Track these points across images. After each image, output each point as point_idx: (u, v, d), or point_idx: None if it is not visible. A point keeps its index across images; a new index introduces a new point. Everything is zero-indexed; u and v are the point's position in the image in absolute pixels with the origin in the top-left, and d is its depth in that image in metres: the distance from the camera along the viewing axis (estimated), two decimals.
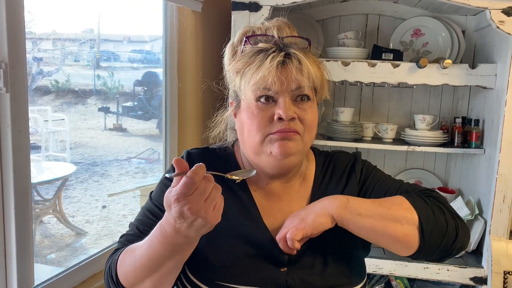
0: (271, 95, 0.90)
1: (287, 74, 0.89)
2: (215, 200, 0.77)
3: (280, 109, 0.89)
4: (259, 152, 0.94)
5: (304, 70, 0.89)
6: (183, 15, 2.10)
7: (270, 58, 0.89)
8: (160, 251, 0.83)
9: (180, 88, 2.16)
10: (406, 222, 0.91)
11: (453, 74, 1.94)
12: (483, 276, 1.90)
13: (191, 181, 0.73)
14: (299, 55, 0.90)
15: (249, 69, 0.90)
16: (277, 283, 0.91)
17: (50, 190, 3.77)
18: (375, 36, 2.39)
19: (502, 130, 1.82)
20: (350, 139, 2.18)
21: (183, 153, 1.06)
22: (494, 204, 1.86)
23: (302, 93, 0.91)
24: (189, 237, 0.80)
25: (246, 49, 0.95)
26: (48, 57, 5.30)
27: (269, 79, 0.88)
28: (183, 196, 0.74)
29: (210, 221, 0.77)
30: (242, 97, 0.94)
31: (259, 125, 0.91)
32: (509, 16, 1.76)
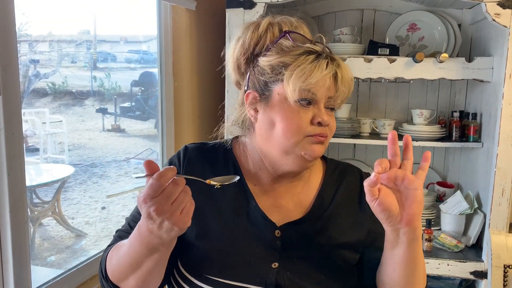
0: (313, 98, 0.91)
1: (334, 84, 0.91)
2: (182, 203, 0.76)
3: (322, 114, 0.91)
4: (290, 152, 0.92)
5: (346, 87, 0.92)
6: (177, 14, 2.09)
7: (325, 64, 0.89)
8: (138, 250, 0.84)
9: (176, 87, 2.15)
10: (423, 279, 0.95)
11: (450, 68, 1.93)
12: (483, 270, 1.89)
13: (156, 183, 0.74)
14: (343, 64, 0.93)
15: (301, 69, 0.89)
16: (266, 281, 0.91)
17: (49, 192, 3.76)
18: (371, 32, 2.38)
19: (500, 123, 1.81)
20: (347, 135, 2.17)
21: (182, 147, 1.06)
22: (493, 197, 1.85)
23: (335, 103, 0.94)
24: (162, 238, 0.79)
25: (288, 44, 0.93)
26: (45, 59, 5.28)
27: (321, 85, 0.89)
28: (149, 198, 0.74)
29: (177, 224, 0.76)
30: (278, 91, 0.92)
31: (299, 126, 0.90)
32: (504, 8, 1.75)
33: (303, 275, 0.93)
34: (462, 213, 2.01)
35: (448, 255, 1.96)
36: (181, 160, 1.03)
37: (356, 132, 2.23)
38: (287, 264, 0.93)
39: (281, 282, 0.91)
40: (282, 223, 0.97)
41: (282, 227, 0.96)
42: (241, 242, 0.94)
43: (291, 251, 0.94)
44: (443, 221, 2.08)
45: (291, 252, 0.94)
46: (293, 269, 0.93)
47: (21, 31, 4.19)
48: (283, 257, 0.94)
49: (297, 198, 1.02)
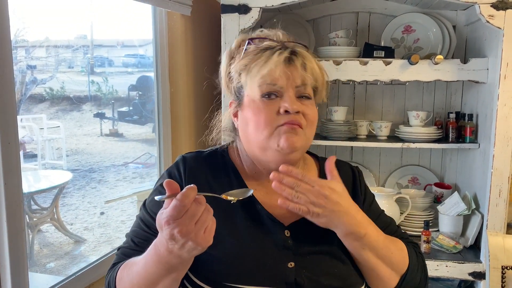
0: (277, 89, 0.93)
1: (292, 69, 0.92)
2: (205, 223, 0.77)
3: (286, 102, 0.92)
4: (266, 147, 0.95)
5: (309, 67, 0.93)
6: (173, 20, 2.10)
7: (277, 53, 0.92)
8: (155, 270, 0.84)
9: (172, 92, 2.15)
10: (396, 269, 0.98)
11: (445, 69, 1.94)
12: (482, 271, 1.89)
13: (181, 204, 0.73)
14: (305, 53, 0.94)
15: (255, 65, 0.93)
16: (286, 282, 0.91)
17: (47, 198, 3.76)
18: (366, 34, 2.38)
19: (496, 124, 1.82)
20: (344, 138, 2.17)
21: (178, 158, 1.06)
22: (490, 198, 1.86)
23: (305, 91, 0.95)
24: (182, 258, 0.80)
25: (250, 48, 0.98)
26: (42, 64, 5.28)
27: (277, 72, 0.91)
28: (173, 219, 0.74)
29: (200, 244, 0.76)
30: (246, 93, 0.96)
31: (266, 119, 0.93)
32: (498, 10, 1.76)
33: (319, 271, 0.94)
34: (460, 214, 2.01)
35: (446, 256, 1.96)
36: (181, 171, 1.02)
37: (353, 135, 2.23)
38: (302, 262, 0.94)
39: (300, 281, 0.91)
40: (289, 223, 0.98)
41: (291, 226, 0.97)
42: (254, 246, 0.94)
43: (303, 249, 0.95)
44: (441, 222, 2.08)
45: (304, 249, 0.95)
46: (308, 266, 0.94)
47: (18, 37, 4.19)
48: (297, 256, 0.94)
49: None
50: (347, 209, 0.91)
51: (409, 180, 2.47)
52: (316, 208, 0.88)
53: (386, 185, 2.46)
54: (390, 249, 0.96)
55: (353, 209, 0.92)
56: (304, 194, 0.88)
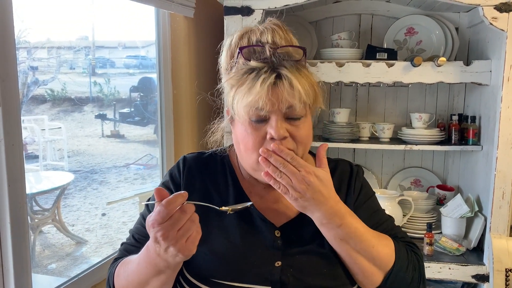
0: (263, 114, 0.90)
1: (278, 95, 0.89)
2: (188, 232, 0.79)
3: (271, 128, 0.90)
4: (256, 169, 0.95)
5: (295, 93, 0.89)
6: (176, 22, 2.10)
7: (261, 81, 0.88)
8: (145, 270, 0.87)
9: (175, 94, 2.15)
10: (379, 264, 0.96)
11: (448, 71, 1.94)
12: (485, 274, 1.89)
13: (164, 210, 0.76)
14: (290, 77, 0.89)
15: (240, 90, 0.90)
16: (271, 280, 0.93)
17: (49, 199, 3.75)
18: (368, 36, 2.38)
19: (499, 126, 1.81)
20: (347, 140, 2.17)
21: (180, 158, 1.09)
22: (494, 200, 1.85)
23: (294, 113, 0.91)
24: (168, 262, 0.83)
25: (239, 63, 0.95)
26: (43, 65, 5.28)
27: (260, 102, 0.88)
28: (157, 223, 0.77)
29: (181, 252, 0.79)
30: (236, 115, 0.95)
31: (253, 145, 0.92)
32: (501, 12, 1.76)
33: (306, 270, 0.95)
34: (463, 216, 2.01)
35: (449, 258, 1.96)
36: (181, 171, 1.05)
37: (356, 137, 2.23)
38: (290, 261, 0.95)
39: (285, 279, 0.93)
40: (281, 224, 1.00)
41: (282, 227, 0.99)
42: (243, 244, 0.97)
43: (292, 249, 0.97)
44: (443, 224, 2.08)
45: (293, 249, 0.97)
46: (295, 266, 0.95)
47: (20, 38, 4.19)
48: (285, 255, 0.96)
49: None
50: (327, 199, 0.90)
51: (411, 182, 2.47)
52: (296, 193, 0.88)
53: (389, 187, 2.46)
54: (371, 243, 0.95)
55: (332, 200, 0.92)
56: (288, 175, 0.88)
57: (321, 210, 0.90)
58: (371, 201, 1.10)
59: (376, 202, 1.12)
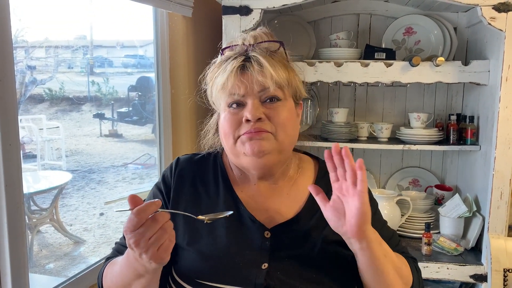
0: (239, 99, 0.93)
1: (248, 77, 0.92)
2: (159, 240, 0.79)
3: (246, 111, 0.92)
4: (236, 153, 0.96)
5: (266, 71, 0.91)
6: (174, 21, 2.09)
7: (230, 65, 0.92)
8: (126, 273, 0.89)
9: (173, 94, 2.15)
10: (405, 282, 0.97)
11: (446, 71, 1.94)
12: (483, 274, 1.89)
13: (134, 218, 0.77)
14: (259, 57, 0.92)
15: (215, 78, 0.96)
16: (256, 283, 0.91)
17: (46, 199, 3.75)
18: (367, 36, 2.38)
19: (497, 126, 1.81)
20: (345, 140, 2.17)
21: (174, 159, 1.10)
22: (492, 200, 1.85)
23: (269, 94, 0.93)
24: (145, 267, 0.83)
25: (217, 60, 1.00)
26: (41, 65, 5.27)
27: (230, 84, 0.91)
28: (129, 231, 0.78)
29: (153, 259, 0.79)
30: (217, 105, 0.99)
31: (229, 128, 0.94)
32: (500, 12, 1.76)
33: (294, 274, 0.93)
34: (461, 216, 2.01)
35: (447, 258, 1.96)
36: (172, 173, 1.06)
37: (354, 136, 2.23)
38: (277, 264, 0.94)
39: (270, 282, 0.91)
40: (272, 225, 0.98)
41: (273, 229, 0.97)
42: (231, 246, 0.95)
43: (281, 252, 0.95)
44: (442, 224, 2.08)
45: (282, 252, 0.95)
46: (283, 269, 0.93)
47: (18, 37, 4.18)
48: (273, 258, 0.94)
49: (285, 199, 1.02)
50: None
51: (410, 182, 2.47)
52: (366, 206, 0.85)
53: (387, 187, 2.46)
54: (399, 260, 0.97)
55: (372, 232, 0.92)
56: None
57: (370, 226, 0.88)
58: (378, 212, 1.09)
59: (380, 213, 1.11)
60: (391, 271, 0.92)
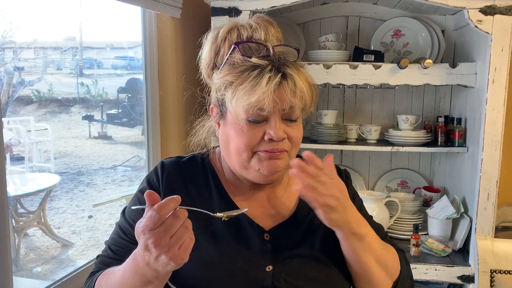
0: (265, 114, 0.88)
1: (281, 95, 0.86)
2: (181, 239, 0.74)
3: (271, 129, 0.88)
4: (247, 167, 0.93)
5: (298, 92, 0.88)
6: (162, 22, 2.08)
7: (266, 79, 0.85)
8: (131, 281, 0.82)
9: (162, 95, 2.14)
10: (390, 273, 0.97)
11: (434, 73, 1.95)
12: (471, 275, 1.90)
13: (155, 215, 0.72)
14: (295, 76, 0.88)
15: (243, 88, 0.86)
16: (263, 285, 0.90)
17: (34, 201, 3.71)
18: (356, 38, 2.39)
19: (484, 128, 1.83)
20: (334, 142, 2.17)
21: (158, 163, 1.04)
22: (479, 202, 1.86)
23: (292, 115, 0.90)
24: (157, 271, 0.77)
25: (236, 58, 0.91)
26: (30, 66, 5.22)
27: (265, 102, 0.85)
28: (148, 229, 0.72)
29: (173, 260, 0.74)
30: (230, 110, 0.90)
31: (248, 144, 0.89)
32: (486, 15, 1.77)
33: (298, 274, 0.93)
34: (449, 217, 2.02)
35: (435, 259, 1.96)
36: (159, 177, 1.00)
37: (343, 138, 2.23)
38: (281, 265, 0.93)
39: (277, 284, 0.90)
40: (270, 227, 0.97)
41: (271, 231, 0.96)
42: (232, 250, 0.93)
43: (282, 253, 0.94)
44: (430, 225, 2.09)
45: (283, 253, 0.94)
46: (287, 270, 0.92)
47: (5, 38, 4.14)
48: (276, 260, 0.93)
49: (280, 201, 1.02)
50: (352, 207, 0.90)
51: (398, 184, 2.48)
52: (333, 201, 0.85)
53: (376, 188, 2.47)
54: (384, 252, 0.95)
55: (354, 208, 0.91)
56: (323, 185, 0.85)
57: (351, 220, 0.88)
58: (363, 208, 1.09)
59: (365, 209, 1.11)
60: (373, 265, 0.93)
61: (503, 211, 2.29)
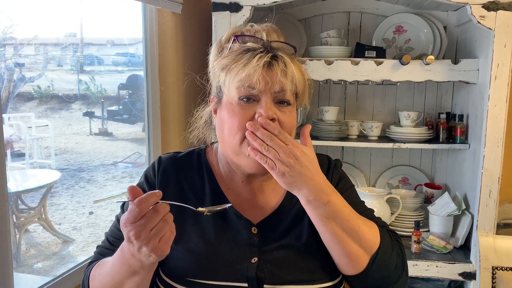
0: (255, 93, 0.90)
1: (272, 75, 0.90)
2: (161, 232, 0.78)
3: (261, 108, 0.90)
4: (238, 152, 0.94)
5: (289, 74, 0.91)
6: (163, 17, 2.08)
7: (257, 57, 0.90)
8: (119, 271, 0.86)
9: (162, 91, 2.13)
10: (364, 245, 0.93)
11: (436, 70, 1.94)
12: (472, 271, 1.90)
13: (135, 208, 0.75)
14: (286, 58, 0.92)
15: (235, 66, 0.91)
16: (247, 276, 0.92)
17: (35, 198, 3.71)
18: (357, 34, 2.38)
19: (486, 124, 1.82)
20: (335, 138, 2.17)
21: (155, 159, 1.08)
22: (480, 199, 1.86)
23: (284, 97, 0.92)
24: (142, 262, 0.81)
25: (234, 47, 0.97)
26: (30, 62, 5.21)
27: (255, 77, 0.88)
28: (129, 222, 0.76)
29: (154, 252, 0.78)
30: (225, 93, 0.95)
31: (239, 125, 0.91)
32: (489, 11, 1.76)
33: (283, 265, 0.94)
34: (450, 214, 2.02)
35: (437, 256, 1.96)
36: (156, 172, 1.04)
37: (344, 135, 2.23)
38: (266, 257, 0.94)
39: (261, 275, 0.92)
40: (258, 220, 0.99)
41: (259, 224, 0.98)
42: (220, 243, 0.95)
43: (269, 245, 0.96)
44: (431, 222, 2.08)
45: (269, 245, 0.96)
46: (272, 261, 0.94)
47: (6, 34, 4.13)
48: (262, 252, 0.95)
49: (271, 195, 1.03)
50: (314, 174, 0.89)
51: (399, 180, 2.47)
52: (284, 166, 0.86)
53: (377, 185, 2.46)
54: (357, 222, 0.92)
55: (319, 176, 0.90)
56: (275, 149, 0.86)
57: (309, 185, 0.88)
58: (350, 192, 1.08)
59: (356, 194, 1.10)
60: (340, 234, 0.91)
61: (505, 208, 2.28)
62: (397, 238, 1.03)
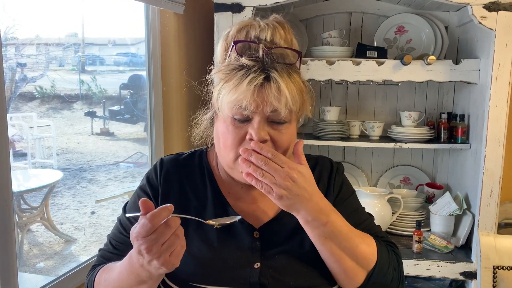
0: (246, 114, 0.88)
1: (263, 97, 0.86)
2: (172, 246, 0.78)
3: (252, 129, 0.88)
4: (233, 167, 0.93)
5: (282, 98, 0.86)
6: (165, 18, 2.08)
7: (248, 80, 0.85)
8: (127, 280, 0.86)
9: (165, 91, 2.14)
10: (361, 263, 0.94)
11: (437, 70, 1.95)
12: (473, 271, 1.90)
13: (148, 223, 0.75)
14: (279, 80, 0.86)
15: (227, 85, 0.88)
16: (250, 282, 0.92)
17: (37, 197, 3.72)
18: (359, 34, 2.39)
19: (487, 124, 1.83)
20: (337, 138, 2.17)
21: (157, 160, 1.07)
22: (482, 198, 1.87)
23: (278, 117, 0.89)
24: (151, 273, 0.81)
25: (232, 57, 0.92)
26: (32, 62, 5.22)
27: (245, 101, 0.85)
28: (141, 237, 0.76)
29: (164, 265, 0.78)
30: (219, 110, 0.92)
31: (232, 144, 0.90)
32: (490, 11, 1.77)
33: (286, 271, 0.94)
34: (451, 214, 2.02)
35: (438, 256, 1.97)
36: (158, 175, 1.03)
37: (346, 135, 2.24)
38: (269, 262, 0.94)
39: (264, 281, 0.92)
40: (259, 225, 0.98)
41: (261, 229, 0.98)
42: (222, 248, 0.95)
43: (271, 250, 0.96)
44: (432, 222, 2.09)
45: (272, 250, 0.96)
46: (275, 266, 0.94)
47: (8, 34, 4.14)
48: (264, 257, 0.95)
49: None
50: (312, 195, 0.88)
51: (401, 180, 2.48)
52: (281, 190, 0.84)
53: (378, 185, 2.47)
54: (354, 242, 0.93)
55: (317, 196, 0.89)
56: (271, 173, 0.84)
57: (307, 207, 0.87)
58: (351, 199, 1.08)
59: (357, 200, 1.10)
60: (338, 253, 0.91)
61: (506, 207, 2.29)
62: (394, 250, 1.04)
